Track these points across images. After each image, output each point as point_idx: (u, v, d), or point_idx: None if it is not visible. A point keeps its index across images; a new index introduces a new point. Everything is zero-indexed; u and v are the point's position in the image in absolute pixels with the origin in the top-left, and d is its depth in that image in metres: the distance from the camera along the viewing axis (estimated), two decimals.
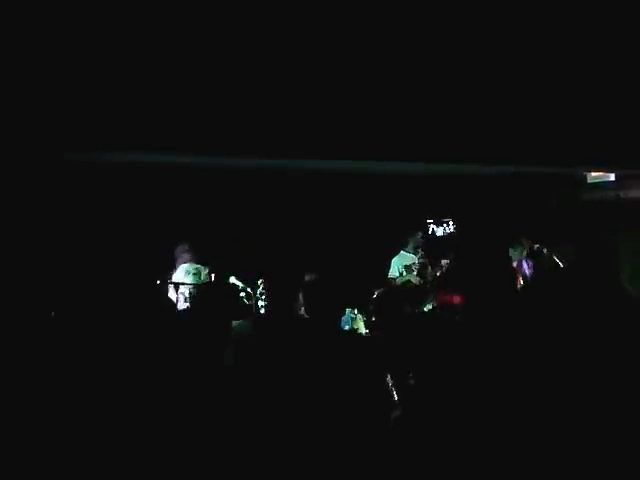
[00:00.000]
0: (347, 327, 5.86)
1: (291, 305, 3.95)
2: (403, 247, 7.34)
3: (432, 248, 7.49)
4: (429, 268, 7.31)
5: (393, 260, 7.29)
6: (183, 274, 5.80)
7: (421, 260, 7.23)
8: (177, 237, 6.15)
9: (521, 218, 7.79)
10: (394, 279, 7.16)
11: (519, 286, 6.15)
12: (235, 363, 3.36)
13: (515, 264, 7.00)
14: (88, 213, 6.19)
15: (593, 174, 8.00)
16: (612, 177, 7.96)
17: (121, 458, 2.76)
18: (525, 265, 7.07)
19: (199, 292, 4.88)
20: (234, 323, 4.30)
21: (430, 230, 7.86)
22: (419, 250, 7.27)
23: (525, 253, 7.03)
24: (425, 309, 6.56)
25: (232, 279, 6.17)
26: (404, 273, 7.19)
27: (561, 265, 6.86)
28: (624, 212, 7.63)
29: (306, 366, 3.23)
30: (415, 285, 6.87)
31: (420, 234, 7.33)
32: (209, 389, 3.17)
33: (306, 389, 3.10)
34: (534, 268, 6.94)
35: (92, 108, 4.41)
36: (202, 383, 3.19)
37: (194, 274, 5.74)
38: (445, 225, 7.98)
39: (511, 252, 7.03)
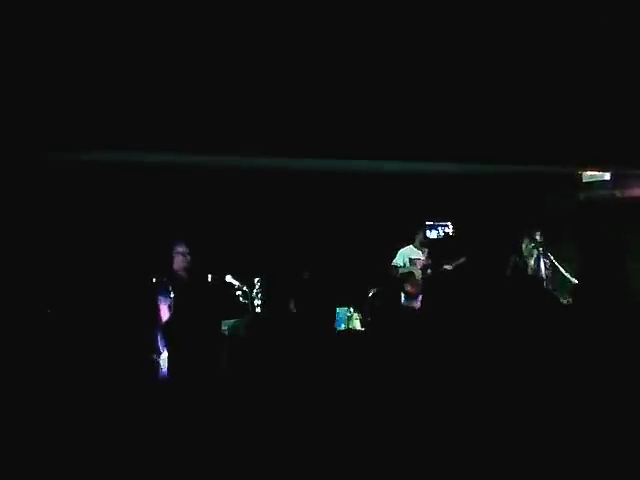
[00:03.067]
0: (343, 326, 5.86)
1: (286, 304, 3.94)
2: (412, 242, 7.43)
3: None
4: (429, 268, 7.34)
5: (400, 251, 7.37)
6: None
7: (426, 257, 7.29)
8: (172, 236, 6.12)
9: (517, 219, 7.78)
10: (397, 267, 7.24)
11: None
12: (230, 365, 3.34)
13: (533, 262, 7.00)
14: (73, 214, 6.15)
15: (588, 173, 7.99)
16: (607, 176, 7.96)
17: (115, 458, 2.74)
18: (542, 265, 7.05)
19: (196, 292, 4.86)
20: (229, 322, 4.30)
21: (426, 233, 7.87)
22: (424, 248, 7.35)
23: (541, 250, 6.99)
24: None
25: (228, 278, 6.15)
26: (407, 265, 7.27)
27: (557, 265, 6.86)
28: (620, 211, 7.63)
29: (299, 365, 3.22)
30: (416, 279, 6.89)
31: (422, 233, 7.41)
32: (205, 388, 3.16)
33: (299, 387, 3.09)
34: (551, 267, 6.92)
35: (76, 107, 4.38)
36: (198, 382, 3.18)
37: None
38: (440, 228, 7.98)
39: (525, 248, 7.00)
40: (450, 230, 8.03)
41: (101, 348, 4.68)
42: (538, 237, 7.07)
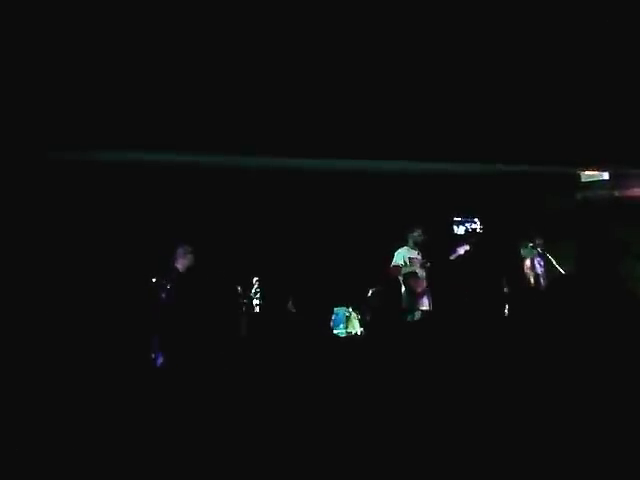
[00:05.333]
0: (342, 326, 5.86)
1: (284, 303, 3.94)
2: (406, 243, 7.40)
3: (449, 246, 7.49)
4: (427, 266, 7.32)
5: (398, 251, 7.32)
6: None
7: (421, 257, 7.28)
8: (172, 236, 6.11)
9: (515, 218, 7.78)
10: (399, 267, 7.19)
11: (530, 285, 6.18)
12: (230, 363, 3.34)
13: (528, 263, 7.01)
14: (74, 213, 6.14)
15: (587, 173, 7.99)
16: (606, 176, 7.95)
17: (118, 456, 2.73)
18: (537, 264, 7.07)
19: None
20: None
21: (452, 229, 7.85)
22: (417, 247, 7.30)
23: (537, 251, 7.02)
24: (415, 317, 6.53)
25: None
26: (408, 264, 7.25)
27: (555, 264, 6.87)
28: (618, 211, 7.64)
29: (297, 364, 3.22)
30: (419, 278, 6.87)
31: (419, 231, 7.35)
32: (203, 388, 3.15)
33: (301, 388, 3.08)
34: (545, 267, 6.95)
35: (77, 107, 4.38)
36: (197, 382, 3.17)
37: None
38: (467, 224, 7.94)
39: (522, 251, 7.03)
40: (478, 226, 7.96)
41: (101, 346, 4.67)
42: (539, 242, 7.10)
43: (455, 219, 7.84)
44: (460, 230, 7.83)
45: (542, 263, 7.02)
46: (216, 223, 6.90)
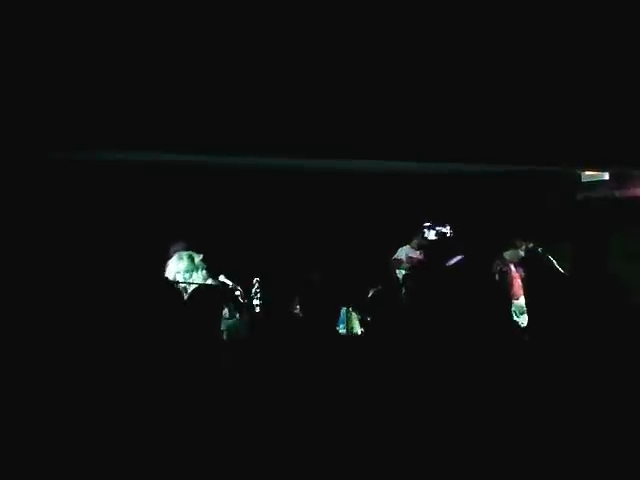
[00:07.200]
0: (342, 326, 5.85)
1: (287, 304, 3.93)
2: (408, 242, 7.52)
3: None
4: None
5: (401, 248, 7.49)
6: (176, 260, 5.71)
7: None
8: (171, 236, 6.11)
9: (515, 218, 7.80)
10: (399, 260, 7.35)
11: (519, 287, 6.23)
12: (233, 367, 3.33)
13: (513, 267, 7.04)
14: (73, 213, 6.15)
15: (587, 173, 8.00)
16: (606, 176, 7.96)
17: (117, 460, 2.73)
18: (519, 267, 7.09)
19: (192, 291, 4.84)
20: (227, 322, 4.27)
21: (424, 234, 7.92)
22: (420, 249, 7.44)
23: (521, 254, 7.05)
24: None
25: (221, 277, 6.10)
26: (405, 261, 7.40)
27: (556, 265, 6.87)
28: (619, 211, 7.65)
29: (303, 366, 3.21)
30: None
31: (420, 236, 7.49)
32: (205, 390, 3.14)
33: (303, 389, 3.08)
34: (527, 271, 6.98)
35: (76, 106, 4.38)
36: (198, 384, 3.16)
37: (188, 258, 5.63)
38: (439, 228, 8.00)
39: (506, 254, 7.05)
40: (448, 231, 8.03)
41: (99, 350, 4.65)
42: (527, 244, 7.12)
43: (425, 224, 7.91)
44: (431, 235, 7.93)
45: (522, 269, 7.03)
46: (217, 223, 6.91)
